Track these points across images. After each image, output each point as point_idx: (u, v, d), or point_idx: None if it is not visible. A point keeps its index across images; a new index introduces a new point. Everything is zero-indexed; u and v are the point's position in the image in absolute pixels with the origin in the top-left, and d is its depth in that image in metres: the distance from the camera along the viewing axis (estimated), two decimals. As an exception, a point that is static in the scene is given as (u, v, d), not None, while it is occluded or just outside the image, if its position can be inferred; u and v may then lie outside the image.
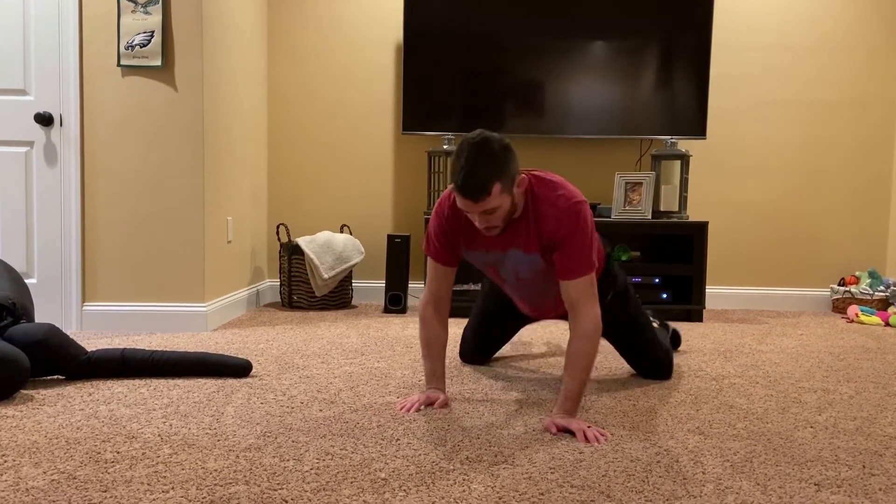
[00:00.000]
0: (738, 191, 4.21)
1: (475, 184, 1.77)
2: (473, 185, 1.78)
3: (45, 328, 2.23)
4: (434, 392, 2.07)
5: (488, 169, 1.78)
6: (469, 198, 1.80)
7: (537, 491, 1.46)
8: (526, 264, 2.02)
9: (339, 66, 4.16)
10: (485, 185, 1.77)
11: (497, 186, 1.79)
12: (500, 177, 1.79)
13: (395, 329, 3.33)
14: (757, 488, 1.49)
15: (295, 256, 3.88)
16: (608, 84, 3.95)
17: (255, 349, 2.80)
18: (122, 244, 3.16)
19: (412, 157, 4.18)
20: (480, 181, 1.77)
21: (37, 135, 3.12)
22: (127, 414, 1.94)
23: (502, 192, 1.81)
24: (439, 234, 2.04)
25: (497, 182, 1.78)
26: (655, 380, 2.41)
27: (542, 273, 2.02)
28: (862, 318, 3.74)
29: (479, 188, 1.78)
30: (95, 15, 3.10)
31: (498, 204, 1.82)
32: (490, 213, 1.84)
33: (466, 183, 1.78)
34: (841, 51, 4.14)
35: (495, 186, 1.78)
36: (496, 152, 1.80)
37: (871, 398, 2.24)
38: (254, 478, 1.50)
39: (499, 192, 1.80)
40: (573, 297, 1.91)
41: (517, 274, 2.08)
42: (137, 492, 1.42)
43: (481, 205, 1.80)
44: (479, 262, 2.13)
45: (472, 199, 1.80)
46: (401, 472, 1.55)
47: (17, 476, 1.50)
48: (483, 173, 1.77)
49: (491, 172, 1.78)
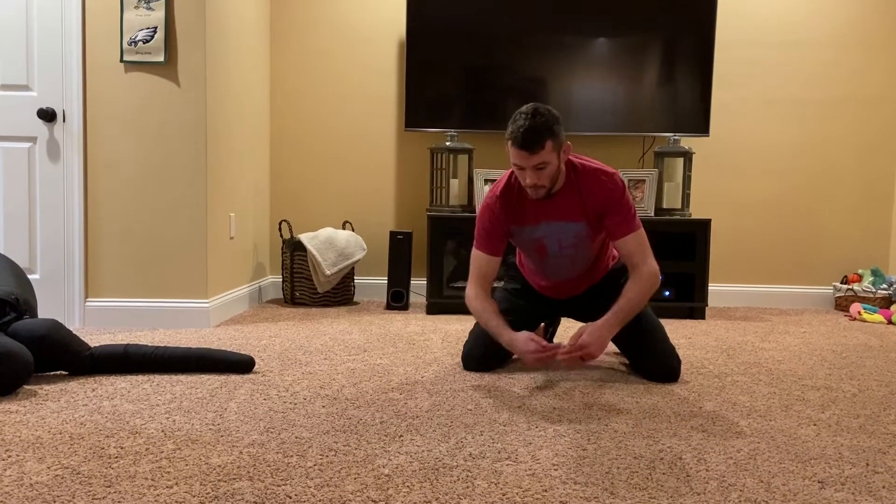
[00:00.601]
0: (740, 188, 4.21)
1: (532, 138, 2.08)
2: (530, 138, 2.08)
3: (48, 324, 2.23)
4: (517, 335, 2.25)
5: (543, 127, 2.09)
6: (525, 149, 2.09)
7: (541, 487, 1.46)
8: (571, 233, 2.30)
9: (342, 62, 4.15)
10: (540, 139, 2.08)
11: (549, 143, 2.10)
12: (552, 136, 2.11)
13: (397, 326, 3.33)
14: (760, 486, 1.49)
15: (297, 253, 3.88)
16: (611, 81, 3.94)
17: (257, 345, 2.80)
18: (124, 240, 3.16)
19: (415, 154, 4.17)
20: (537, 135, 2.08)
21: (39, 130, 3.12)
22: (130, 409, 1.94)
23: (553, 150, 2.12)
24: (489, 227, 2.32)
25: (549, 139, 2.10)
26: (662, 382, 2.36)
27: (584, 239, 2.31)
28: (865, 316, 3.74)
29: (534, 141, 2.08)
30: (98, 10, 3.10)
31: (548, 160, 2.12)
32: (541, 167, 2.13)
33: (525, 136, 2.08)
34: (845, 48, 4.13)
35: (548, 142, 2.10)
36: (548, 118, 2.12)
37: (875, 396, 2.24)
38: (257, 473, 1.50)
39: (550, 148, 2.11)
40: (631, 251, 2.25)
41: (560, 242, 2.33)
42: (141, 487, 1.42)
43: (535, 157, 2.10)
44: (527, 239, 2.37)
45: (528, 150, 2.09)
46: (404, 468, 1.55)
47: (21, 471, 1.50)
48: (538, 130, 2.08)
49: (545, 130, 2.09)
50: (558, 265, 2.42)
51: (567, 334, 3.12)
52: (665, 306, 3.70)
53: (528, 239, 2.37)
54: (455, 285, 3.85)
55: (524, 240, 2.39)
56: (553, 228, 2.30)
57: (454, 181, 3.88)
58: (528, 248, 2.43)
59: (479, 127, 3.97)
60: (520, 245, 2.46)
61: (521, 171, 2.18)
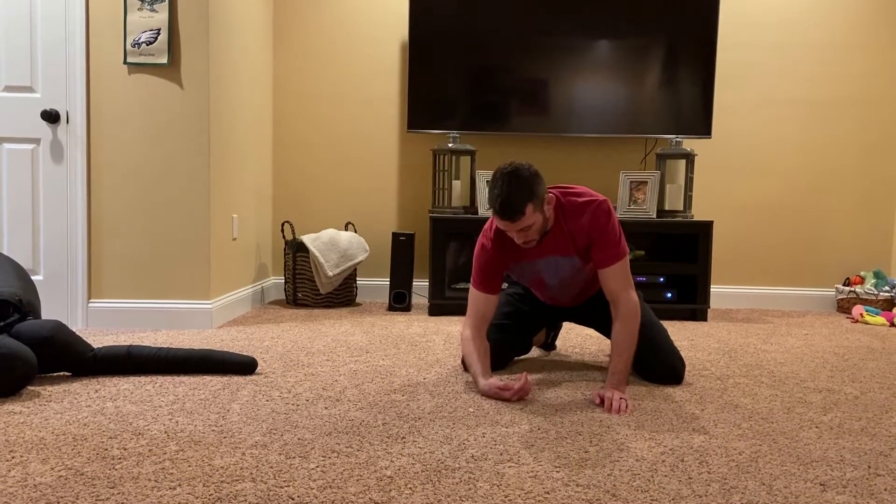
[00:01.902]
0: (742, 190, 4.21)
1: (511, 207, 2.07)
2: (509, 208, 2.07)
3: (52, 325, 2.24)
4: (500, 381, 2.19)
5: (521, 194, 2.07)
6: (506, 219, 2.10)
7: (542, 490, 1.46)
8: (567, 266, 2.32)
9: (345, 63, 4.16)
10: (519, 208, 2.07)
11: (529, 207, 2.08)
12: (532, 199, 2.09)
13: (399, 327, 3.34)
14: (762, 488, 1.50)
15: (300, 254, 3.89)
16: (613, 83, 3.94)
17: (260, 346, 2.81)
18: (127, 241, 3.17)
19: (417, 155, 4.18)
20: (515, 204, 2.07)
21: (43, 132, 3.13)
22: (133, 411, 1.95)
23: (535, 212, 2.11)
24: (485, 268, 2.31)
25: (529, 203, 2.08)
26: (665, 384, 2.37)
27: (580, 270, 2.33)
28: (867, 319, 3.74)
29: (514, 210, 2.08)
30: (102, 12, 3.10)
31: (531, 222, 2.12)
32: (525, 229, 2.14)
33: (503, 207, 2.08)
34: (847, 49, 4.13)
35: (528, 207, 2.08)
36: (526, 178, 2.09)
37: (877, 398, 2.24)
38: (260, 475, 1.51)
39: (531, 211, 2.09)
40: (611, 285, 2.23)
41: (559, 274, 2.36)
42: (145, 488, 1.43)
43: (517, 224, 2.10)
44: (526, 272, 2.40)
45: (508, 219, 2.10)
46: (406, 470, 1.55)
47: (24, 472, 1.51)
48: (516, 197, 2.07)
49: (523, 196, 2.07)
50: (558, 292, 2.46)
51: (568, 338, 3.13)
52: (667, 308, 3.70)
53: (528, 272, 2.40)
54: (457, 286, 3.86)
55: (524, 273, 2.41)
56: (550, 263, 2.32)
57: (456, 182, 3.89)
58: (528, 280, 2.46)
59: (482, 128, 3.98)
60: (519, 278, 2.47)
61: (509, 233, 2.19)
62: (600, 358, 2.74)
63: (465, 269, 3.88)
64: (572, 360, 2.71)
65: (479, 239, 2.35)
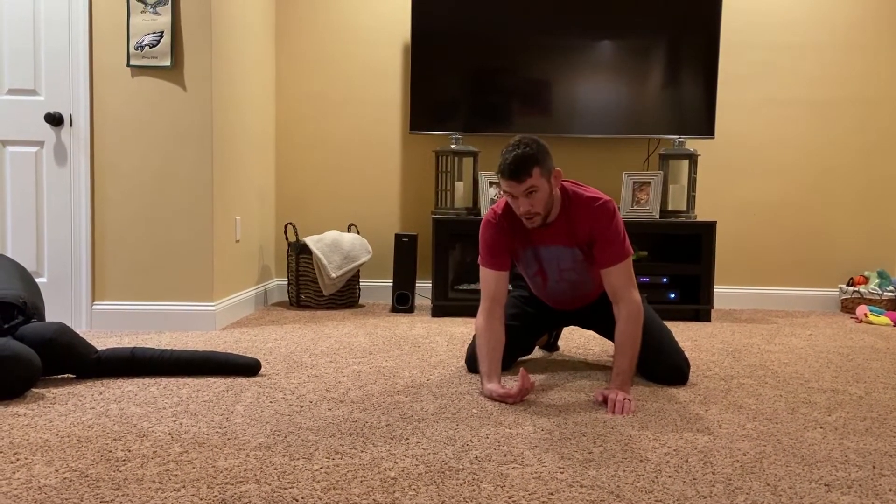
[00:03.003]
0: (746, 190, 4.20)
1: (518, 167, 2.11)
2: (517, 168, 2.11)
3: (56, 327, 2.24)
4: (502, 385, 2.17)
5: (529, 156, 2.12)
6: (513, 178, 2.12)
7: (547, 491, 1.46)
8: (568, 258, 2.33)
9: (347, 65, 4.16)
10: (526, 167, 2.11)
11: (536, 170, 2.12)
12: (539, 163, 2.13)
13: (402, 328, 3.34)
14: (767, 489, 1.49)
15: (303, 256, 3.89)
16: (616, 83, 3.94)
17: (263, 348, 2.81)
18: (131, 243, 3.17)
19: (420, 157, 4.18)
20: (523, 163, 2.11)
21: (47, 135, 3.14)
22: (137, 412, 1.95)
23: (541, 177, 2.13)
24: (492, 242, 2.31)
25: (536, 166, 2.12)
26: (669, 385, 2.36)
27: (580, 263, 2.34)
28: (871, 319, 3.73)
29: (521, 169, 2.11)
30: (105, 15, 3.11)
31: (538, 185, 2.13)
32: (531, 194, 2.14)
33: (511, 167, 2.11)
34: (849, 49, 4.13)
35: (535, 170, 2.12)
36: (535, 146, 2.15)
37: (881, 399, 2.24)
38: (264, 476, 1.51)
39: (538, 175, 2.12)
40: (614, 284, 2.23)
41: (559, 266, 2.36)
42: (149, 490, 1.43)
43: (524, 184, 2.12)
44: (528, 262, 2.40)
45: (515, 179, 2.11)
46: (410, 471, 1.55)
47: (29, 474, 1.51)
48: (524, 158, 2.11)
49: (531, 159, 2.12)
50: (559, 289, 2.45)
51: (571, 339, 3.12)
52: (670, 308, 3.70)
53: (530, 262, 2.40)
54: (460, 287, 3.86)
55: (526, 262, 2.41)
56: (552, 253, 2.33)
57: (459, 184, 3.89)
58: (530, 273, 2.46)
59: (484, 130, 3.98)
60: (523, 268, 2.47)
61: (515, 201, 2.18)
62: (603, 359, 2.74)
63: (468, 270, 3.88)
64: (576, 361, 2.71)
65: (484, 218, 2.35)
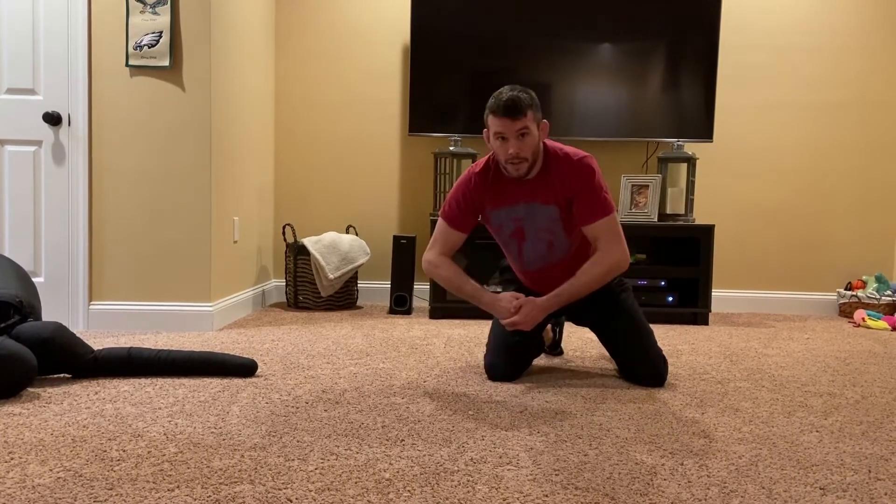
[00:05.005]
0: (744, 194, 4.21)
1: (514, 105, 2.15)
2: (512, 105, 2.15)
3: (52, 327, 2.24)
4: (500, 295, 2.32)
5: (525, 99, 2.17)
6: (508, 115, 2.15)
7: (541, 493, 1.46)
8: (545, 217, 2.31)
9: (346, 66, 4.17)
10: (521, 107, 2.15)
11: (531, 112, 2.17)
12: (533, 106, 2.19)
13: (400, 330, 3.33)
14: (762, 492, 1.49)
15: (301, 257, 3.89)
16: (615, 86, 3.95)
17: (260, 349, 2.81)
18: (129, 243, 3.17)
19: (419, 159, 4.18)
20: (519, 103, 2.15)
21: (45, 134, 3.14)
22: (133, 412, 1.95)
23: (534, 120, 2.18)
24: (461, 199, 2.34)
25: (530, 108, 2.17)
26: (647, 386, 2.36)
27: (556, 223, 2.31)
28: (868, 323, 3.73)
29: (517, 108, 2.15)
30: (104, 15, 3.11)
31: (531, 127, 2.17)
32: (524, 133, 2.17)
33: (507, 104, 2.15)
34: (848, 52, 4.13)
35: (529, 111, 2.17)
36: (527, 91, 2.21)
37: (878, 402, 2.24)
38: (259, 477, 1.51)
39: (532, 117, 2.17)
40: (597, 237, 2.24)
41: (536, 225, 2.34)
42: (143, 490, 1.43)
43: (517, 123, 2.15)
44: (505, 220, 2.36)
45: (510, 116, 2.15)
46: (405, 472, 1.55)
47: (23, 473, 1.51)
48: (520, 99, 2.16)
49: (526, 100, 2.18)
50: (536, 253, 2.40)
51: (569, 341, 3.12)
52: (668, 312, 3.70)
53: (507, 220, 2.37)
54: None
55: (502, 222, 2.38)
56: (530, 210, 2.31)
57: (458, 186, 3.88)
58: (506, 233, 2.41)
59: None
60: (497, 230, 2.42)
61: (504, 143, 2.20)
62: (601, 363, 2.74)
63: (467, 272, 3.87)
64: (573, 364, 2.71)
65: (460, 178, 2.38)
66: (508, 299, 2.30)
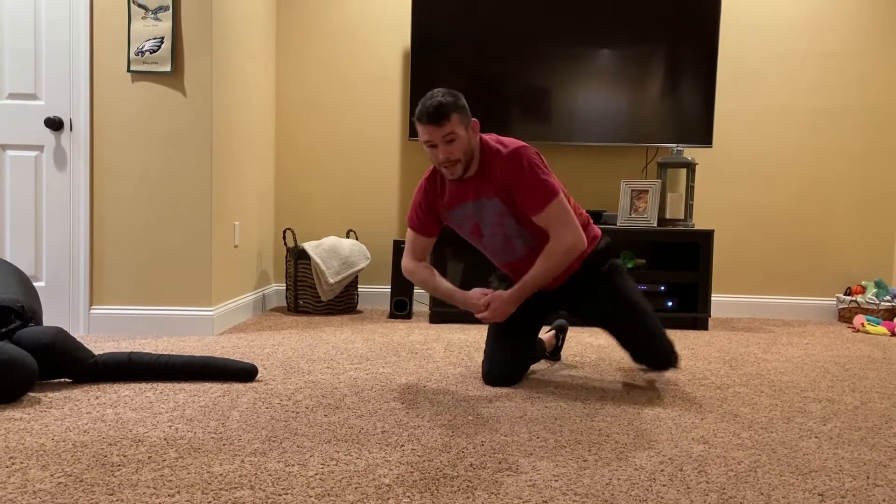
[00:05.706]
0: (743, 199, 4.21)
1: (437, 111, 2.17)
2: (436, 112, 2.17)
3: (53, 331, 2.25)
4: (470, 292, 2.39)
5: (447, 103, 2.18)
6: (432, 123, 2.18)
7: (541, 498, 1.46)
8: (492, 211, 2.33)
9: (347, 71, 4.18)
10: (445, 112, 2.17)
11: (455, 116, 2.18)
12: (457, 109, 2.20)
13: (400, 334, 3.34)
14: (761, 498, 1.50)
15: (301, 261, 3.89)
16: (615, 91, 3.96)
17: (260, 353, 2.81)
18: (129, 248, 3.18)
19: (419, 163, 4.19)
20: (441, 108, 2.17)
21: (47, 139, 3.15)
22: (133, 417, 1.95)
23: (460, 123, 2.20)
24: (419, 206, 2.42)
25: (455, 112, 2.19)
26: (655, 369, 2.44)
27: (505, 215, 2.32)
28: (868, 328, 3.73)
29: (440, 114, 2.17)
30: (106, 20, 3.13)
31: (456, 131, 2.19)
32: (450, 139, 2.19)
33: (430, 111, 2.17)
34: (848, 58, 4.14)
35: (454, 115, 2.18)
36: (451, 96, 2.22)
37: (877, 408, 2.24)
38: (259, 482, 1.51)
39: (457, 121, 2.19)
40: (548, 226, 2.25)
41: (488, 219, 2.35)
42: (143, 495, 1.43)
43: (442, 129, 2.17)
44: (462, 219, 2.40)
45: (434, 123, 2.17)
46: (405, 478, 1.56)
47: (24, 478, 1.51)
48: (443, 104, 2.18)
49: (449, 105, 2.19)
50: (496, 246, 2.42)
51: (568, 346, 3.13)
52: (668, 317, 3.70)
53: (462, 218, 2.40)
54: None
55: (460, 221, 2.41)
56: (478, 206, 2.33)
57: (458, 191, 3.89)
58: (466, 231, 2.44)
59: (483, 137, 3.99)
60: (459, 229, 2.46)
61: (434, 150, 2.23)
62: (600, 367, 2.74)
63: (467, 276, 3.88)
64: (572, 370, 2.71)
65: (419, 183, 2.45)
66: (478, 296, 2.35)
